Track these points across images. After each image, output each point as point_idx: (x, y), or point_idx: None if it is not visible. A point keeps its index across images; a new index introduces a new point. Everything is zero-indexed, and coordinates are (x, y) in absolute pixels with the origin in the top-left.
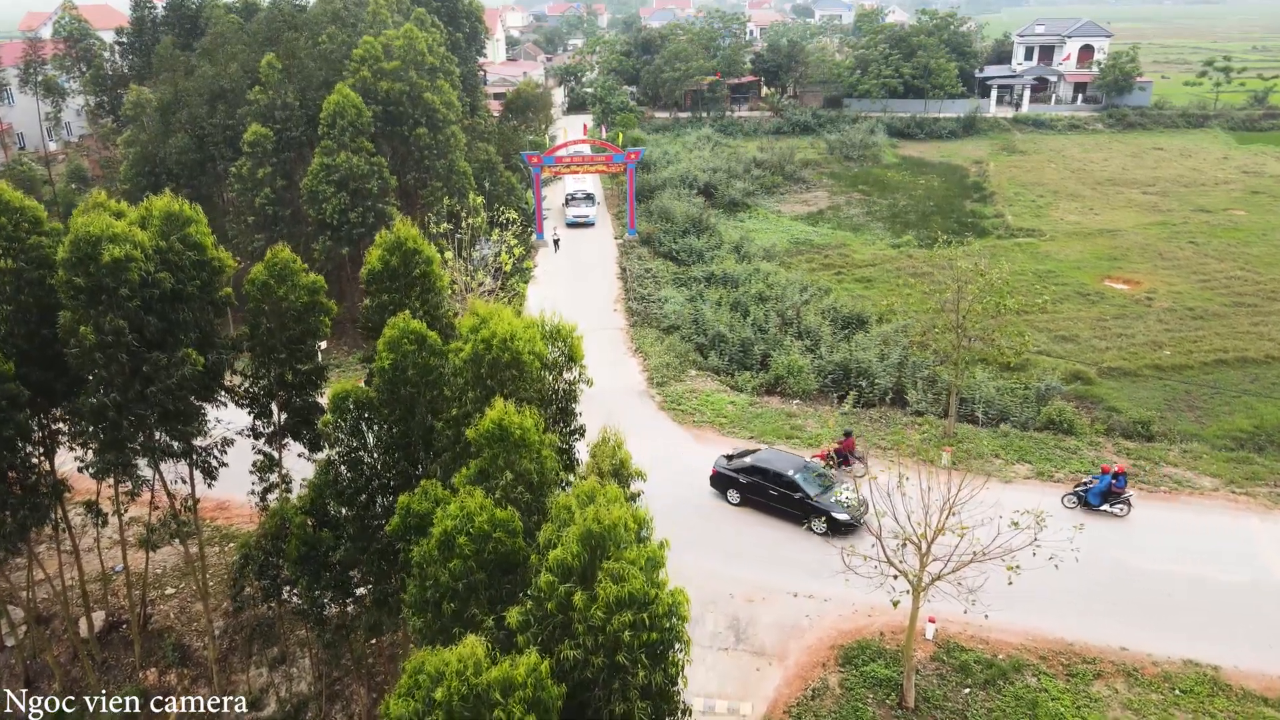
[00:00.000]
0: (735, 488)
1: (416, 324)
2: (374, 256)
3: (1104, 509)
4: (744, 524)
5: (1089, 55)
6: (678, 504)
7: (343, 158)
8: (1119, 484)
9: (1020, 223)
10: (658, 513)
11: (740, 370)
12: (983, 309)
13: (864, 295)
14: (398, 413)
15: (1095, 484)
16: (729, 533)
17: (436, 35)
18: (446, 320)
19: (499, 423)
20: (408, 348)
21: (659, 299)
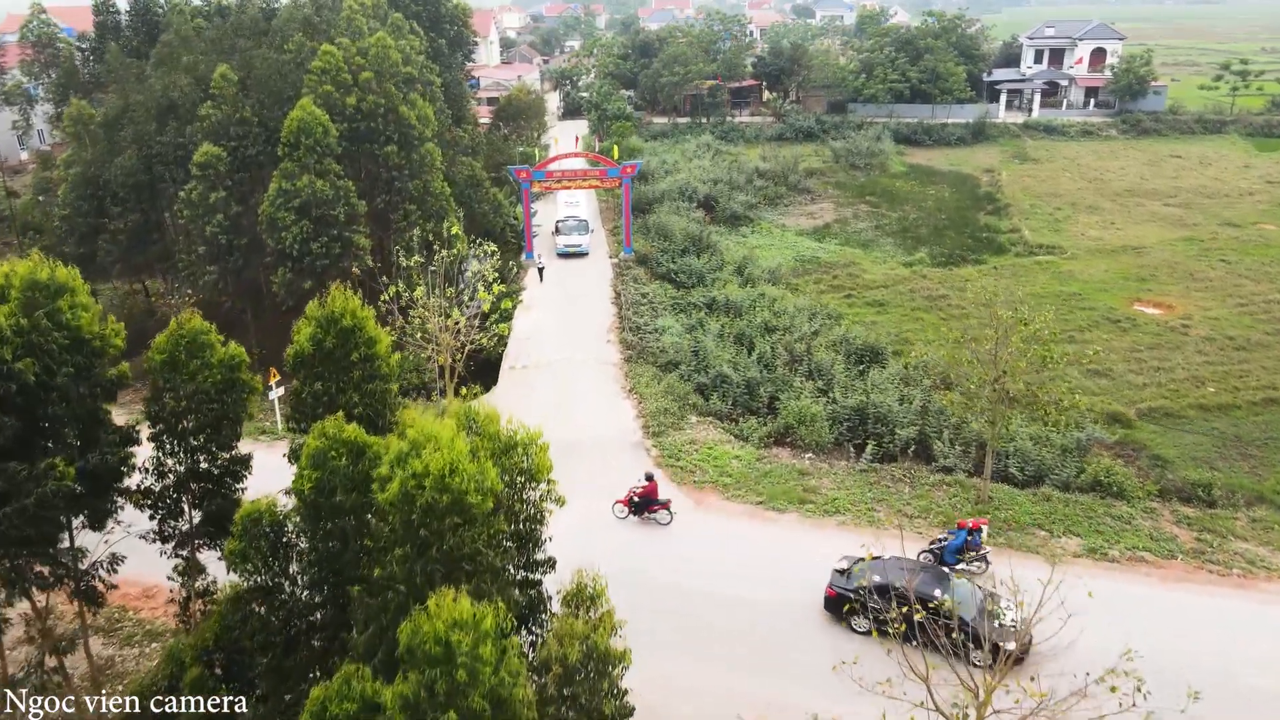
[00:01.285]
0: (862, 613)
1: (351, 430)
2: (303, 335)
3: (961, 567)
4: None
5: (1101, 59)
6: (672, 607)
7: (305, 181)
8: (975, 541)
9: (1039, 238)
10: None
11: (745, 414)
12: (1027, 364)
13: (877, 322)
14: (326, 546)
15: (952, 540)
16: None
17: (414, 42)
18: (395, 413)
19: (443, 640)
20: (337, 463)
21: (656, 329)
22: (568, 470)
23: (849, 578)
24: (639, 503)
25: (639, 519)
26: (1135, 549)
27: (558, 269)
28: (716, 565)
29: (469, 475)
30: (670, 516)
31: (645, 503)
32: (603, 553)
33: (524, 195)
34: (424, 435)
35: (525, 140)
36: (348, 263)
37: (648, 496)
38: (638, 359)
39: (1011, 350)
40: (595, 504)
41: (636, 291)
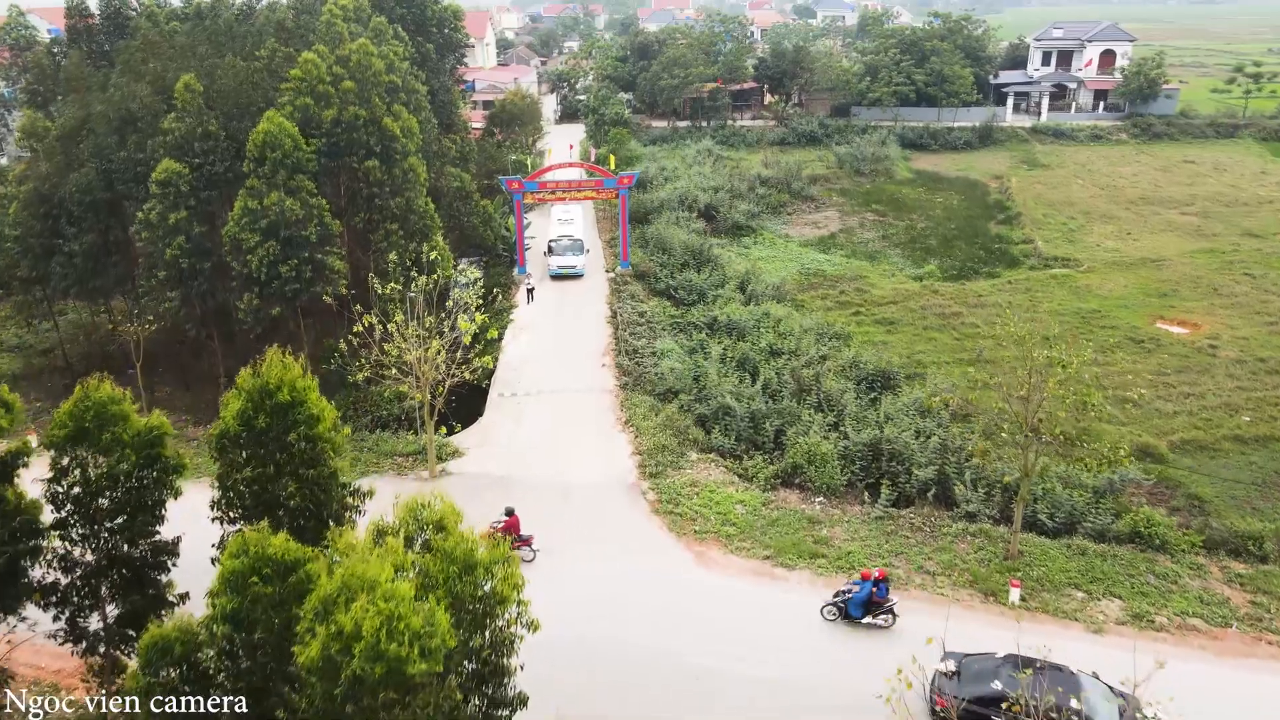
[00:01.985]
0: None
1: (278, 544)
2: (230, 411)
3: (866, 621)
4: None
5: (1110, 61)
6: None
7: (272, 199)
8: (880, 592)
9: (1053, 250)
10: None
11: (750, 450)
12: (1065, 413)
13: (887, 342)
14: (247, 684)
15: (856, 592)
16: None
17: (397, 48)
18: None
19: None
20: (260, 589)
21: (654, 353)
22: (555, 519)
23: (961, 680)
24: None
25: None
26: (1185, 614)
27: (550, 289)
28: (729, 637)
29: (411, 634)
30: (533, 554)
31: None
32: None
33: (516, 207)
34: (355, 576)
35: (519, 147)
36: (321, 287)
37: (509, 531)
38: (634, 386)
39: (1048, 396)
40: (586, 566)
41: (633, 310)
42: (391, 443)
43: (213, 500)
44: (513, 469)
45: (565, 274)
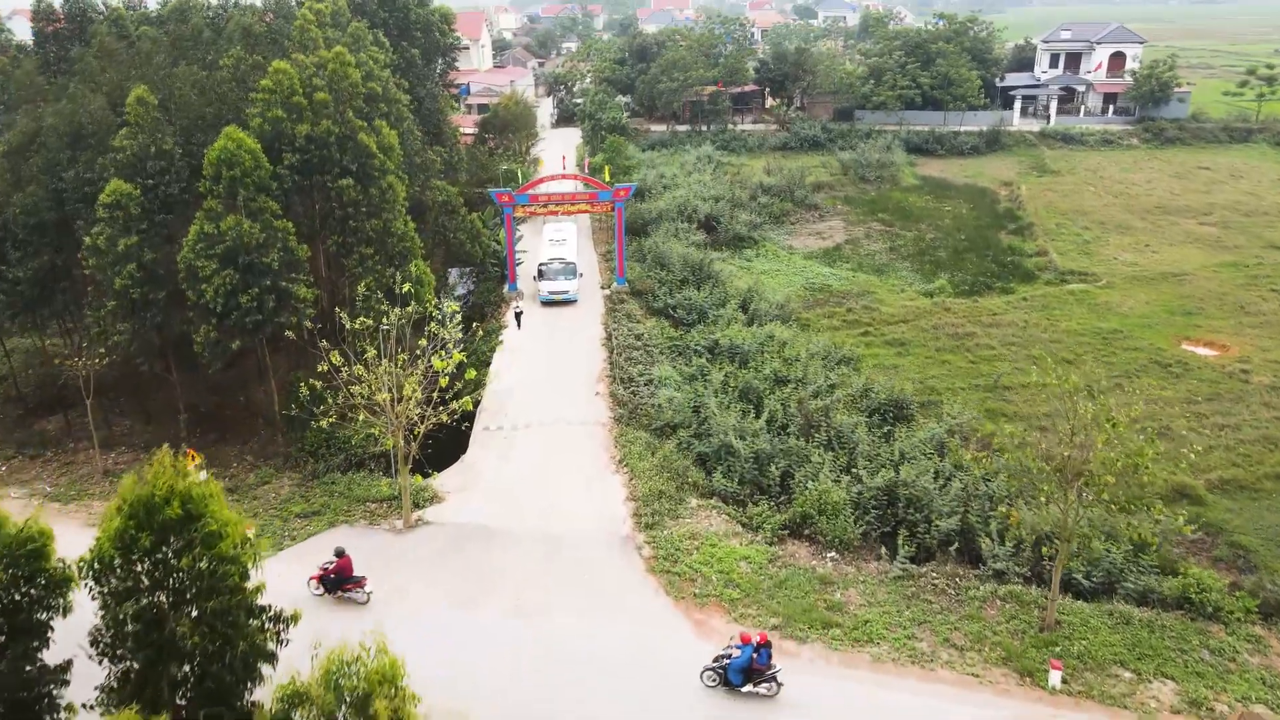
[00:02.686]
0: None
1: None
2: (107, 531)
3: (747, 690)
4: None
5: (1120, 63)
6: None
7: (230, 222)
8: (761, 659)
9: (1068, 263)
10: None
11: (755, 494)
12: (1115, 477)
13: (898, 366)
14: None
15: (736, 657)
16: None
17: (378, 55)
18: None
19: None
20: None
21: (651, 382)
22: (541, 579)
23: None
24: (332, 580)
25: (334, 597)
26: (1247, 700)
27: (542, 309)
28: None
29: None
30: (366, 596)
31: (339, 580)
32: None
33: (506, 221)
34: None
35: (513, 155)
36: (286, 318)
37: (340, 573)
38: (629, 420)
39: (1096, 458)
40: (573, 642)
41: (629, 332)
42: (365, 486)
43: (91, 634)
44: (496, 517)
45: (556, 300)
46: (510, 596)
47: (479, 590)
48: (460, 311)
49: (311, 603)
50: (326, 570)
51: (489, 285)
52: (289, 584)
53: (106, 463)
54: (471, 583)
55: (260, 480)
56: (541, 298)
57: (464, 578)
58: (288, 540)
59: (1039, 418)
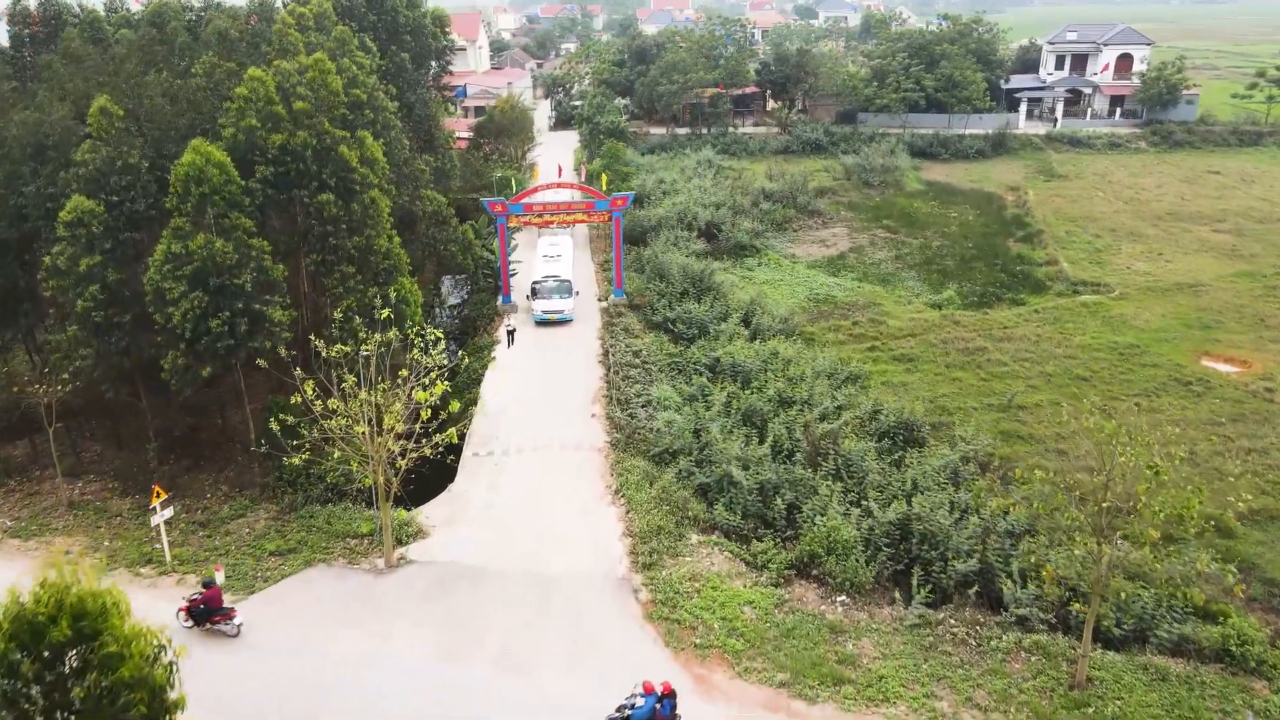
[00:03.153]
0: None
1: None
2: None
3: None
4: None
5: (1127, 65)
6: None
7: (199, 242)
8: (664, 710)
9: (1080, 273)
10: None
11: (760, 529)
12: (1156, 531)
13: (907, 384)
14: None
15: (639, 708)
16: None
17: (364, 60)
18: None
19: None
20: None
21: (649, 403)
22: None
23: None
24: (201, 611)
25: (202, 630)
26: None
27: (535, 328)
28: None
29: None
30: (237, 629)
31: (207, 612)
32: None
33: (500, 232)
34: None
35: (508, 160)
36: (260, 342)
37: (209, 605)
38: (626, 445)
39: (1139, 509)
40: (568, 711)
41: (627, 348)
42: (345, 520)
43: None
44: (484, 555)
45: (551, 320)
46: (497, 648)
47: (464, 641)
48: (445, 337)
49: (178, 635)
50: (194, 601)
51: (482, 297)
52: (264, 633)
53: (72, 493)
54: (456, 632)
55: (234, 513)
56: (535, 317)
57: (448, 626)
58: (260, 582)
59: (1055, 439)
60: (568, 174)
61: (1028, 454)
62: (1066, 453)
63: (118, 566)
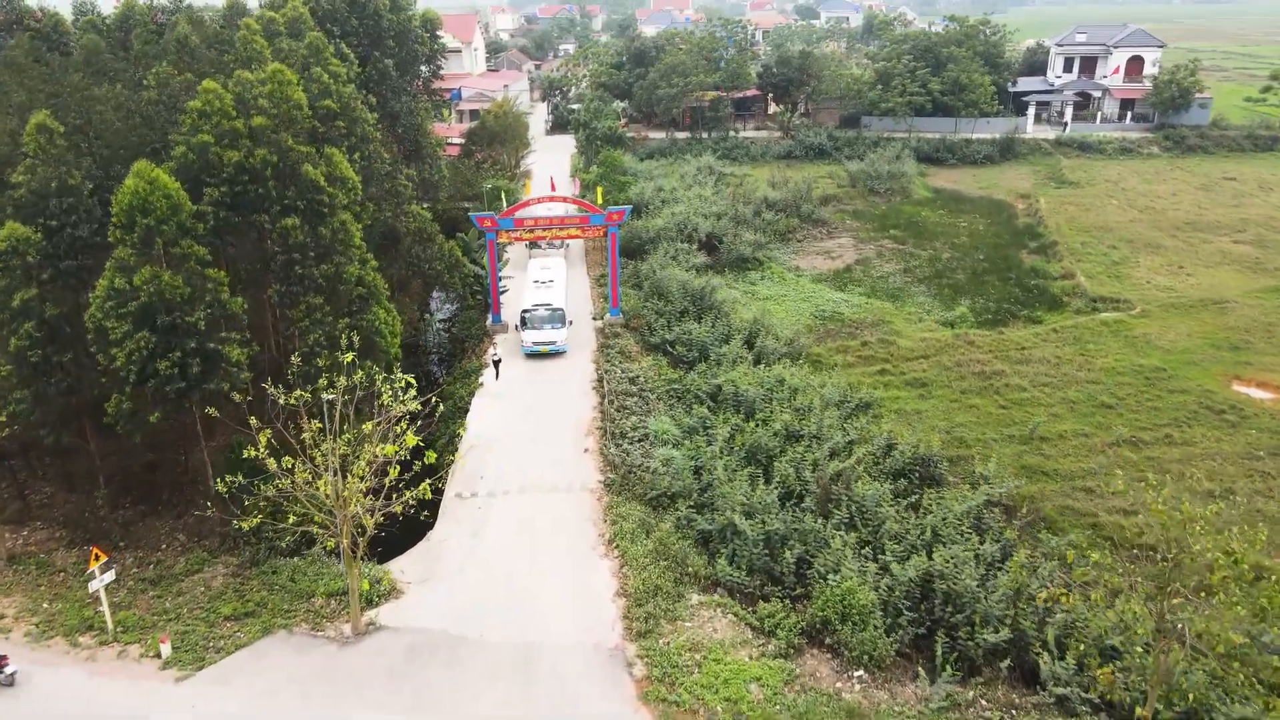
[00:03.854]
0: None
1: None
2: None
3: None
4: None
5: (1138, 67)
6: None
7: (145, 275)
8: None
9: (1098, 288)
10: None
11: (767, 585)
12: (1231, 629)
13: (921, 411)
14: None
15: None
16: None
17: (339, 69)
18: None
19: None
20: None
21: (646, 437)
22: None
23: None
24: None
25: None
26: None
27: (524, 363)
28: None
29: None
30: (10, 678)
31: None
32: None
33: (489, 247)
34: None
35: (500, 169)
36: (216, 383)
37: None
38: (621, 486)
39: (1213, 601)
40: None
41: (623, 374)
42: (311, 577)
43: None
44: (463, 620)
45: (542, 352)
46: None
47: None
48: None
49: None
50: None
51: (471, 315)
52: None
53: (14, 544)
54: (427, 715)
55: (190, 567)
56: (525, 349)
57: (418, 708)
58: (211, 653)
59: (1081, 475)
60: (563, 185)
61: (1054, 492)
62: (1095, 490)
63: (54, 635)
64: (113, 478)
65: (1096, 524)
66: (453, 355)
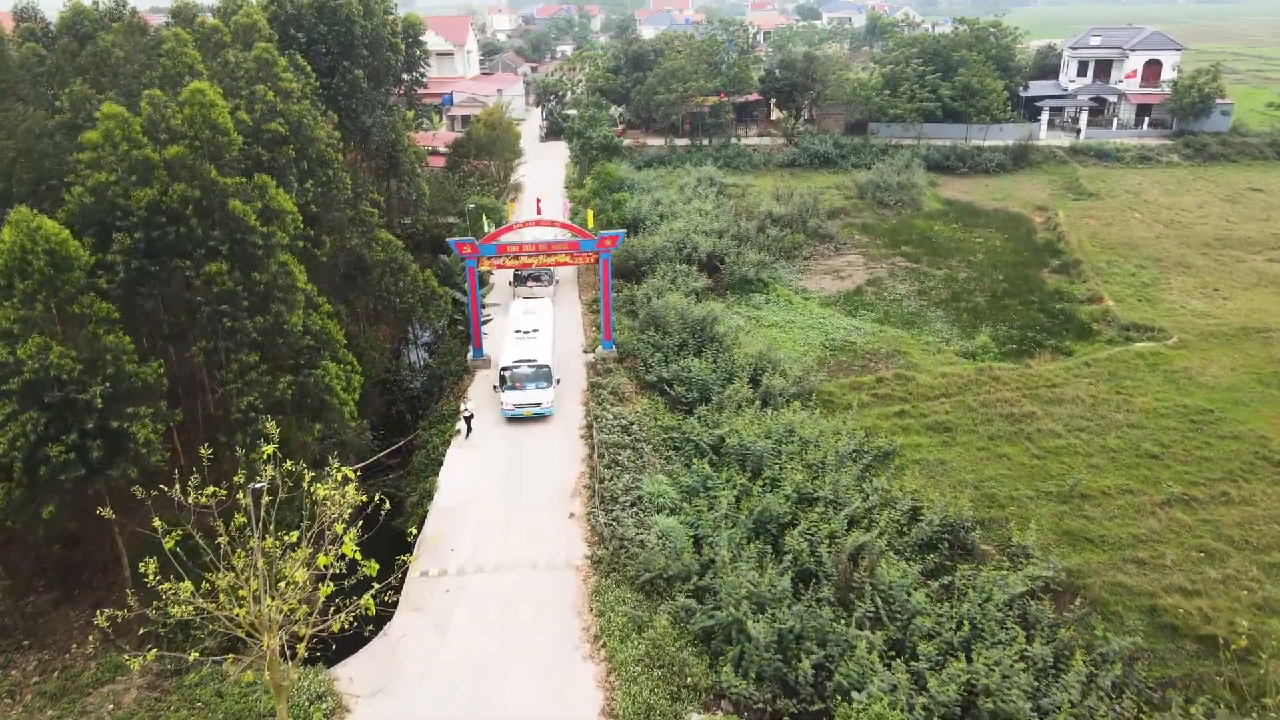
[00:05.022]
0: None
1: None
2: None
3: None
4: None
5: (1156, 72)
6: None
7: (30, 347)
8: None
9: (1129, 313)
10: None
11: (780, 698)
12: None
13: (945, 461)
14: None
15: None
16: None
17: (289, 85)
18: None
19: None
20: None
21: (639, 500)
22: None
23: None
24: None
25: None
26: None
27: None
28: None
29: None
30: None
31: None
32: None
33: (469, 276)
34: None
35: (488, 183)
36: (123, 467)
37: None
38: (611, 565)
39: None
40: None
41: (615, 421)
42: (239, 695)
43: None
44: None
45: (524, 415)
46: None
47: None
48: (356, 476)
49: None
50: None
51: (453, 345)
52: None
53: None
54: None
55: (99, 675)
56: (505, 412)
57: None
58: None
59: (1131, 542)
60: (556, 195)
61: (1102, 565)
62: (1148, 562)
63: None
64: (19, 563)
65: (1154, 606)
66: (429, 393)
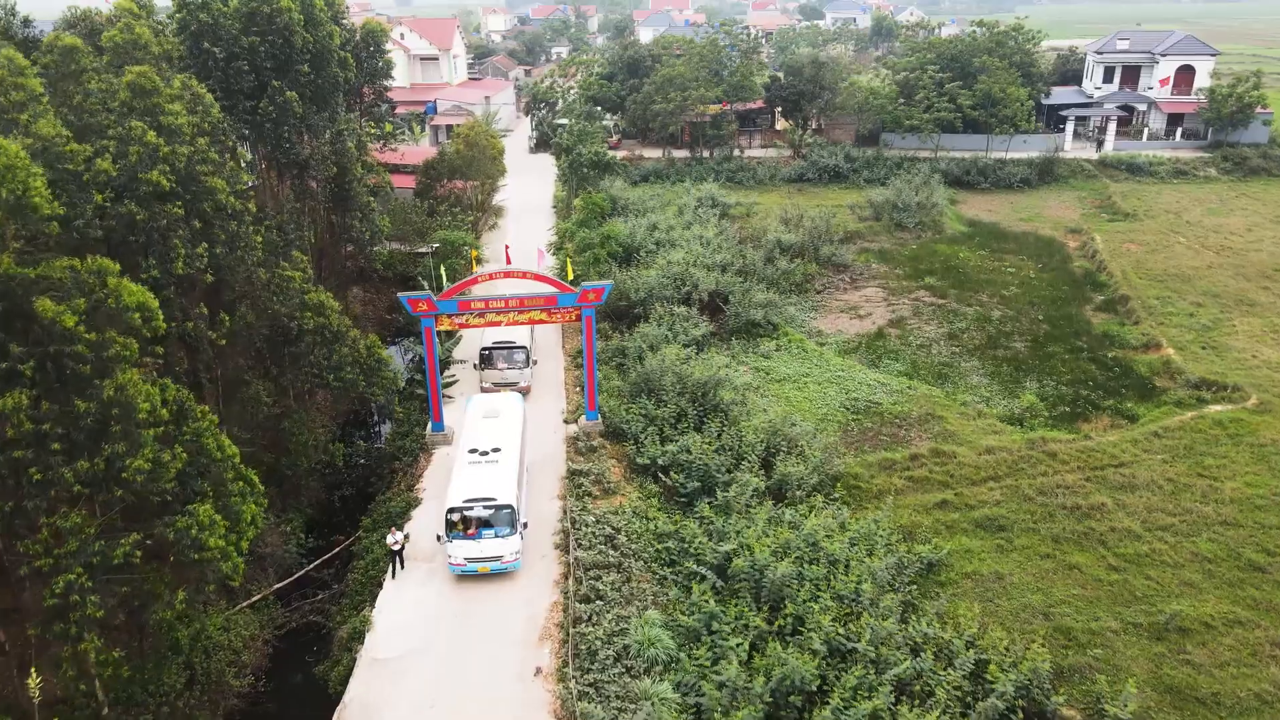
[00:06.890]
0: None
1: None
2: None
3: None
4: None
5: (1188, 79)
6: None
7: None
8: None
9: (1194, 364)
10: None
11: None
12: None
13: (1001, 574)
14: None
15: None
16: None
17: (176, 120)
18: None
19: None
20: None
21: (625, 653)
22: None
23: None
24: None
25: None
26: None
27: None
28: None
29: None
30: None
31: None
32: None
33: (427, 338)
34: None
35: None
36: None
37: None
38: None
39: None
40: None
41: (598, 527)
42: None
43: None
44: None
45: (481, 571)
46: None
47: None
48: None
49: None
50: None
51: (410, 414)
52: None
53: None
54: None
55: None
56: (453, 568)
57: None
58: None
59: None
60: (525, 258)
61: None
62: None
63: None
64: None
65: None
66: (374, 477)
